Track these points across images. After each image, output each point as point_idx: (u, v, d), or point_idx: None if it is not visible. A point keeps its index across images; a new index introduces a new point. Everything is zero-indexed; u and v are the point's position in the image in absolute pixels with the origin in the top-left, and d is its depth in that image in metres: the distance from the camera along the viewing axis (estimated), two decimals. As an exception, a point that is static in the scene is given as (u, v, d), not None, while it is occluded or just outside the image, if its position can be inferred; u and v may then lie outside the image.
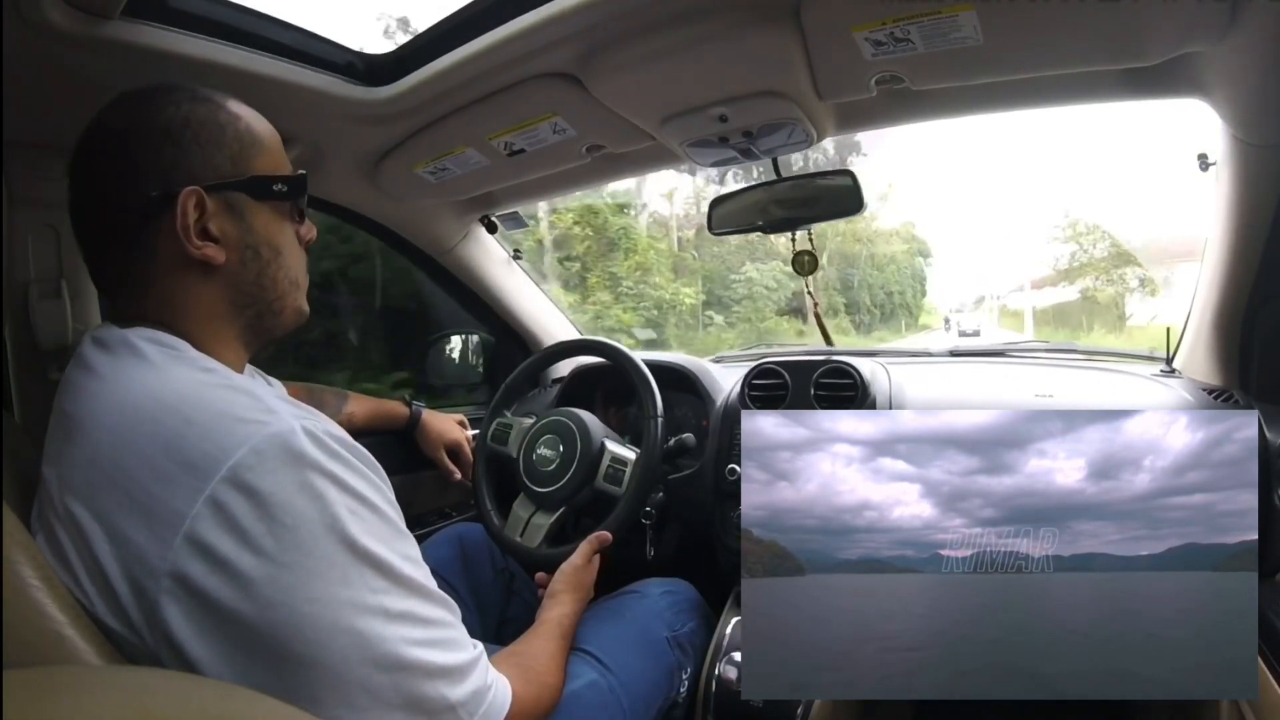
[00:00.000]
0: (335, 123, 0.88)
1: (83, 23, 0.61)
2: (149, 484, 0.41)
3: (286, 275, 0.55)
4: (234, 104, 0.54)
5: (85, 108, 0.51)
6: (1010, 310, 26.96)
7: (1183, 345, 1.03)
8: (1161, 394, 0.95)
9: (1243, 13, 0.58)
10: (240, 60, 0.74)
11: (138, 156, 0.49)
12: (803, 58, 0.71)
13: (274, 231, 0.54)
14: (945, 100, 0.83)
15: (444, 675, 0.47)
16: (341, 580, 0.42)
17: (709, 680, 0.84)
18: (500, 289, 1.38)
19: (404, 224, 1.22)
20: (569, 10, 0.67)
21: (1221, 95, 0.70)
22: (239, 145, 0.52)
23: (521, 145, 0.93)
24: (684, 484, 1.05)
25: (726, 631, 0.88)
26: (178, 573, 0.40)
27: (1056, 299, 22.27)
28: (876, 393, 1.01)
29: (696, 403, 1.14)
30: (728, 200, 1.09)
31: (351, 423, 1.05)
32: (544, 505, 0.97)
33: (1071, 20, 0.62)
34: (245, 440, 0.41)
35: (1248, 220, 0.78)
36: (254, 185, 0.52)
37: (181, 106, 0.50)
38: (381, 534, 0.45)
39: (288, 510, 0.41)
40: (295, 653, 0.41)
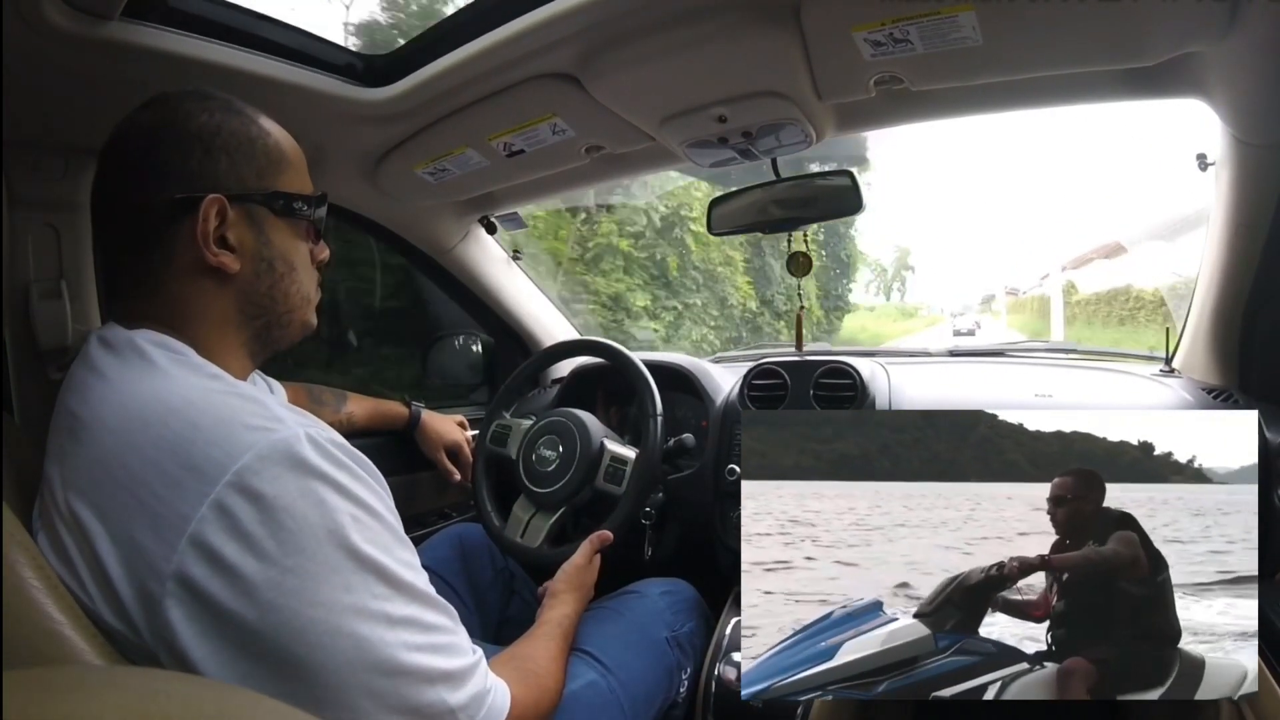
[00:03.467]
0: (335, 123, 0.88)
1: (83, 23, 0.61)
2: (155, 487, 0.41)
3: (299, 290, 0.56)
4: (265, 120, 0.55)
5: (86, 108, 0.52)
6: (1023, 305, 25.63)
7: (1182, 345, 1.03)
8: (1161, 394, 0.95)
9: (1243, 13, 0.58)
10: (240, 61, 0.74)
11: (167, 158, 0.50)
12: (802, 58, 0.71)
13: (290, 247, 0.55)
14: (945, 101, 0.83)
15: (444, 680, 0.47)
16: (343, 586, 0.43)
17: (709, 680, 0.84)
18: (500, 289, 1.38)
19: (404, 224, 1.22)
20: (569, 10, 0.67)
21: (1221, 95, 0.70)
22: (266, 160, 0.53)
23: (521, 146, 0.93)
24: (684, 484, 1.05)
25: (726, 631, 0.88)
26: (182, 575, 0.40)
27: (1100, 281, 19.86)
28: (876, 393, 1.01)
29: (696, 403, 1.14)
30: (727, 200, 1.09)
31: (351, 423, 1.05)
32: (544, 506, 0.97)
33: (1071, 20, 0.62)
34: (250, 446, 0.42)
35: (1247, 220, 0.78)
36: (276, 200, 0.54)
37: (215, 115, 0.52)
38: (383, 541, 0.46)
39: (291, 515, 0.41)
40: (297, 656, 0.41)
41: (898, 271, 60.48)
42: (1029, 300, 29.38)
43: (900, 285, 60.56)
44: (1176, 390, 0.95)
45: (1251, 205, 0.76)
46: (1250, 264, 0.81)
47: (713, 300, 7.75)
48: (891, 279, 60.05)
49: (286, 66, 0.78)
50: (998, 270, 43.66)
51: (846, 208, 1.00)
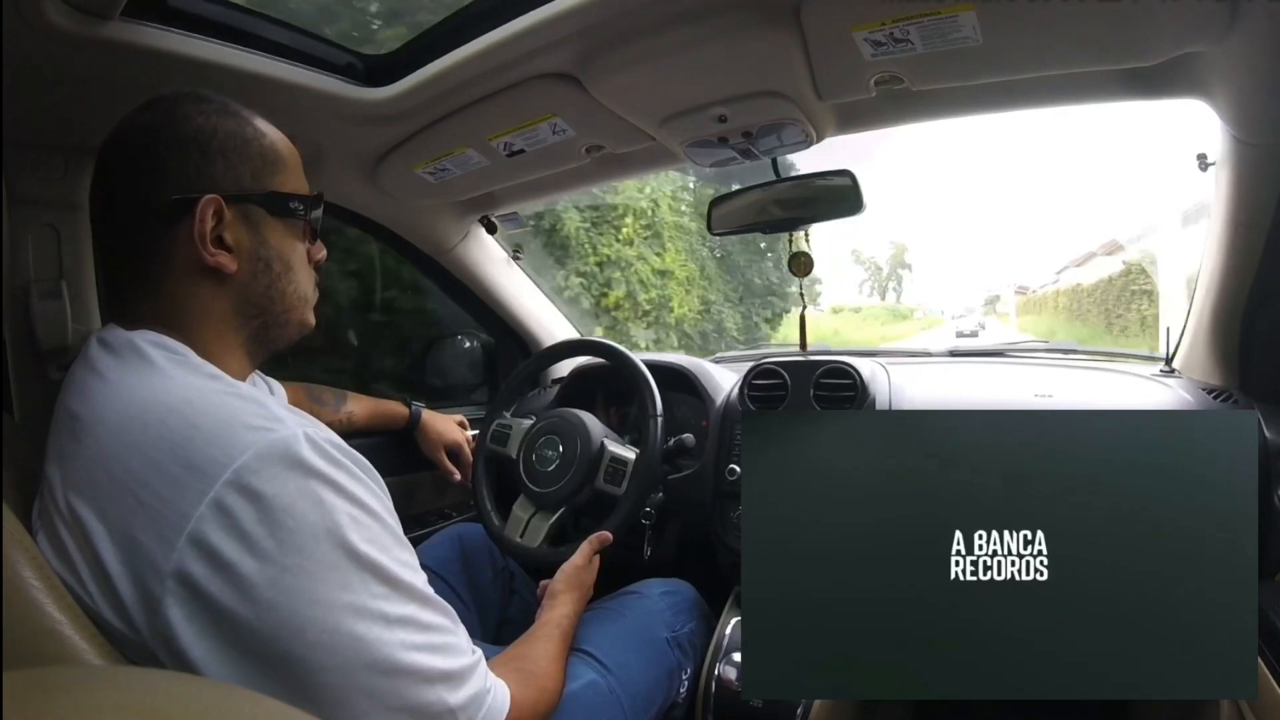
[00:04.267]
0: (335, 123, 0.88)
1: (83, 23, 0.61)
2: (155, 486, 0.41)
3: (296, 290, 0.57)
4: (261, 121, 0.55)
5: (86, 108, 0.52)
6: (1040, 303, 23.92)
7: (1182, 345, 1.03)
8: (1161, 394, 0.95)
9: (1243, 13, 0.58)
10: (240, 61, 0.74)
11: (164, 160, 0.50)
12: (802, 58, 0.71)
13: (286, 247, 0.55)
14: (945, 100, 0.83)
15: (443, 680, 0.47)
16: (341, 585, 0.43)
17: (709, 680, 0.84)
18: (500, 289, 1.38)
19: (404, 224, 1.22)
20: (569, 10, 0.67)
21: (1221, 95, 0.70)
22: (262, 160, 0.54)
23: (521, 146, 0.93)
24: (684, 484, 1.05)
25: (726, 631, 0.89)
26: (181, 573, 0.40)
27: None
28: (876, 393, 1.01)
29: (696, 403, 1.14)
30: (727, 200, 1.09)
31: (351, 422, 1.05)
32: (544, 506, 0.97)
33: (1071, 20, 0.62)
34: (250, 446, 0.42)
35: (1247, 220, 0.78)
36: (272, 200, 0.54)
37: (211, 117, 0.52)
38: (381, 540, 0.46)
39: (290, 514, 0.42)
40: (295, 655, 0.41)
41: (893, 270, 58.65)
42: (1046, 296, 26.30)
43: (896, 285, 58.14)
44: (1176, 390, 0.95)
45: (1251, 205, 0.76)
46: (1250, 264, 0.81)
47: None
48: (887, 278, 58.04)
49: (286, 66, 0.78)
50: (1004, 268, 42.40)
51: (847, 208, 1.00)
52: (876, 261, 56.34)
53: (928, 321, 28.98)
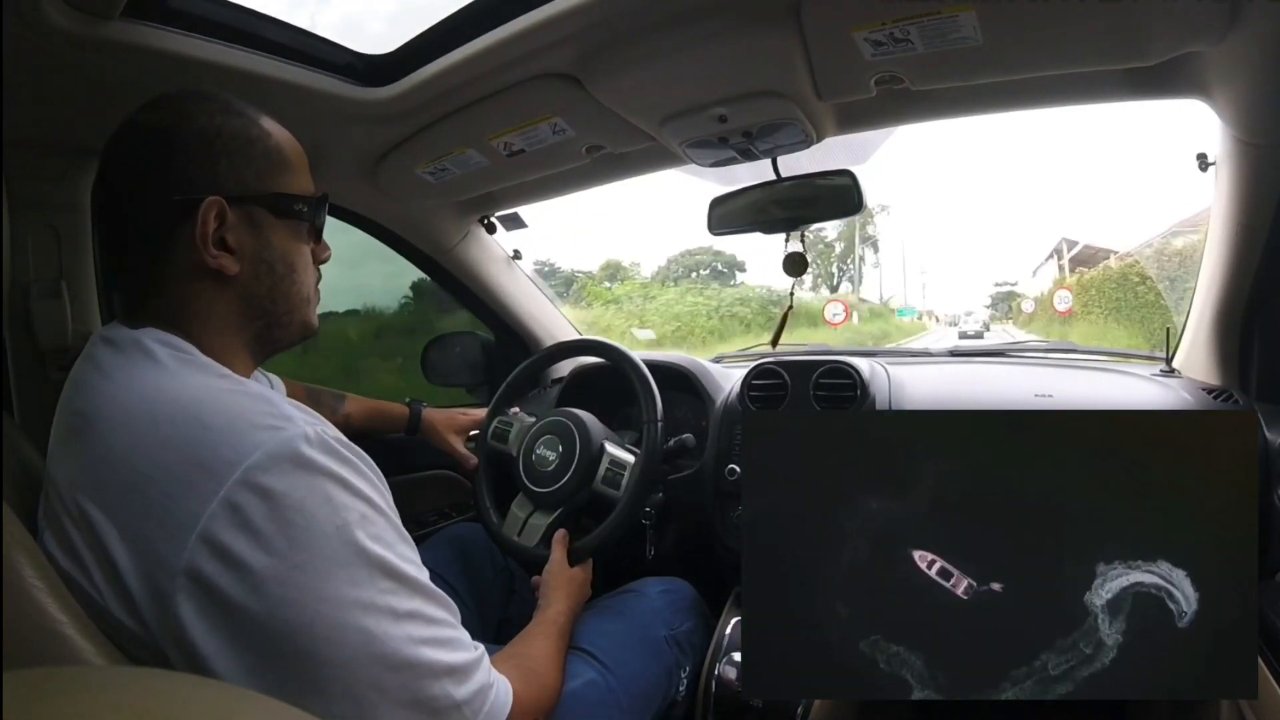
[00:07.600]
0: (335, 123, 0.88)
1: (83, 23, 0.61)
2: (165, 485, 0.42)
3: (299, 291, 0.56)
4: (266, 121, 0.55)
5: (86, 108, 0.52)
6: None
7: (1182, 345, 1.03)
8: (1161, 394, 0.95)
9: (1243, 13, 0.58)
10: (240, 60, 0.74)
11: (167, 160, 0.50)
12: (802, 58, 0.71)
13: (290, 249, 0.55)
14: (945, 100, 0.83)
15: (450, 674, 0.47)
16: (350, 581, 0.43)
17: (709, 680, 0.84)
18: (500, 289, 1.38)
19: (404, 224, 1.23)
20: (569, 10, 0.67)
21: (1221, 95, 0.70)
22: (266, 161, 0.53)
23: (521, 146, 0.93)
24: (684, 484, 1.05)
25: (726, 631, 0.89)
26: (192, 570, 0.40)
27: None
28: (876, 393, 1.01)
29: (696, 403, 1.14)
30: (727, 200, 1.09)
31: (349, 424, 1.05)
32: (542, 505, 0.97)
33: (1071, 20, 0.62)
34: (260, 445, 0.42)
35: (1247, 220, 0.78)
36: (275, 202, 0.53)
37: (215, 117, 0.51)
38: (387, 537, 0.46)
39: (300, 512, 0.42)
40: (305, 650, 0.41)
41: (849, 248, 37.39)
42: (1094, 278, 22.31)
43: (853, 267, 37.84)
44: (1176, 390, 0.95)
45: (1251, 205, 0.76)
46: (1250, 264, 0.81)
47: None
48: (839, 258, 36.86)
49: (287, 66, 0.78)
50: (1008, 266, 38.72)
51: (847, 208, 1.00)
52: (823, 235, 33.44)
53: (916, 326, 25.35)
